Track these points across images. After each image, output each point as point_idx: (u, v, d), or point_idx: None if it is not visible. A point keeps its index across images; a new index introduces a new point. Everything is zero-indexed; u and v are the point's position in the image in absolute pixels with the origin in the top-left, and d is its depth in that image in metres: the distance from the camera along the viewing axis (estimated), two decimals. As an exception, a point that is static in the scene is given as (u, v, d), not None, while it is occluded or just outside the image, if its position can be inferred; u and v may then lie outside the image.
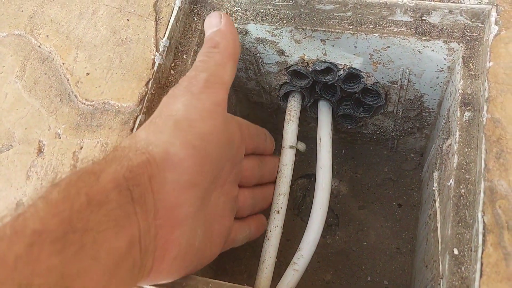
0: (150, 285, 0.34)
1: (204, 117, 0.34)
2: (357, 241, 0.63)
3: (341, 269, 0.62)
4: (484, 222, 0.33)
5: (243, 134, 0.45)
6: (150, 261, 0.31)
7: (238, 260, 0.65)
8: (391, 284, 0.60)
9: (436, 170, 0.48)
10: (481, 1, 0.41)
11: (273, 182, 0.50)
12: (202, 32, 0.48)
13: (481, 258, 0.32)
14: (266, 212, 0.50)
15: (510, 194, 0.34)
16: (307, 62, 0.52)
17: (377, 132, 0.63)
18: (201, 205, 0.35)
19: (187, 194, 0.32)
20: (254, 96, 0.63)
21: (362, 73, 0.51)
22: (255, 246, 0.61)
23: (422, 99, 0.53)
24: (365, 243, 0.63)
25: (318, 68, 0.51)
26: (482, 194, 0.34)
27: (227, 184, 0.40)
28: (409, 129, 0.60)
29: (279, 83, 0.57)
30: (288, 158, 0.51)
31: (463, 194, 0.37)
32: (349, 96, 0.56)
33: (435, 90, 0.51)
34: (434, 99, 0.52)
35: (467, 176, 0.37)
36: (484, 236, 0.33)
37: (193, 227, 0.34)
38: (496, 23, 0.40)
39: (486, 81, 0.38)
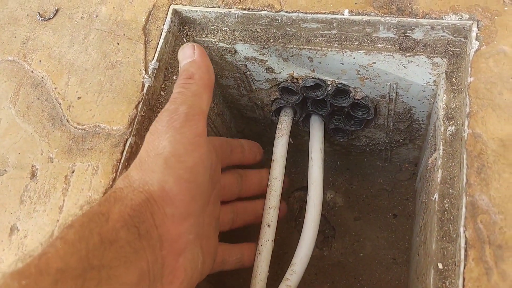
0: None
1: (189, 151, 0.36)
2: (353, 252, 0.64)
3: (338, 280, 0.62)
4: (466, 237, 0.34)
5: (217, 153, 0.46)
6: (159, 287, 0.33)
7: (236, 274, 0.66)
8: (387, 295, 0.60)
9: (425, 183, 0.48)
10: (462, 16, 0.42)
11: (260, 196, 0.51)
12: (191, 53, 0.49)
13: (463, 273, 0.33)
14: (258, 226, 0.51)
15: (491, 209, 0.34)
16: (296, 79, 0.53)
17: (370, 144, 0.63)
18: (197, 231, 0.37)
19: (185, 224, 0.35)
20: (248, 112, 0.64)
21: (350, 88, 0.52)
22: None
23: (411, 111, 0.54)
24: (361, 254, 0.63)
25: (307, 85, 0.52)
26: (464, 209, 0.35)
27: (210, 205, 0.42)
28: (401, 140, 0.60)
29: (271, 99, 0.58)
30: (277, 172, 0.52)
31: (447, 208, 0.37)
32: (340, 110, 0.57)
33: (423, 103, 0.51)
34: (423, 111, 0.53)
35: (451, 191, 0.38)
36: (466, 251, 0.33)
37: (194, 251, 0.37)
38: (477, 39, 0.41)
39: (467, 96, 0.39)
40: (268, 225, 0.49)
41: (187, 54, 0.41)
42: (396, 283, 0.60)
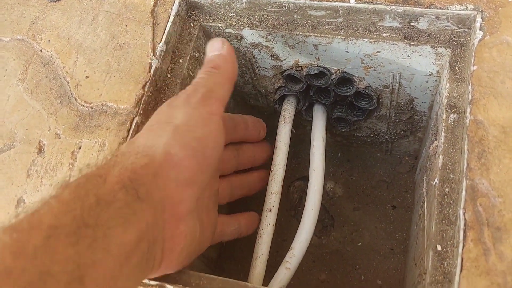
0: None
1: (201, 124, 0.36)
2: (352, 241, 0.64)
3: (336, 268, 0.63)
4: (465, 219, 0.35)
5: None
6: (159, 253, 0.33)
7: (235, 259, 0.67)
8: (384, 283, 0.61)
9: (426, 172, 0.49)
10: (467, 7, 0.43)
11: (254, 168, 0.53)
12: (198, 37, 0.50)
13: (462, 253, 0.33)
14: (259, 210, 0.51)
15: (491, 192, 0.35)
16: (301, 67, 0.54)
17: (371, 135, 0.64)
18: (198, 201, 0.37)
19: (188, 191, 0.35)
20: (251, 100, 0.64)
21: (354, 77, 0.52)
22: (252, 246, 0.62)
23: (413, 102, 0.54)
24: (360, 244, 0.64)
25: (311, 72, 0.53)
26: (464, 192, 0.36)
27: (211, 180, 0.42)
28: (402, 132, 0.61)
29: (275, 87, 0.59)
30: (280, 158, 0.53)
31: (447, 193, 0.38)
32: (343, 99, 0.58)
33: (425, 94, 0.52)
34: (425, 103, 0.54)
35: (451, 176, 0.39)
36: (465, 232, 0.34)
37: (193, 221, 0.37)
38: (481, 29, 0.42)
39: (470, 84, 0.40)
40: (270, 210, 0.49)
41: (216, 47, 0.42)
42: (393, 273, 0.61)
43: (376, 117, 0.59)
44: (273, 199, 0.50)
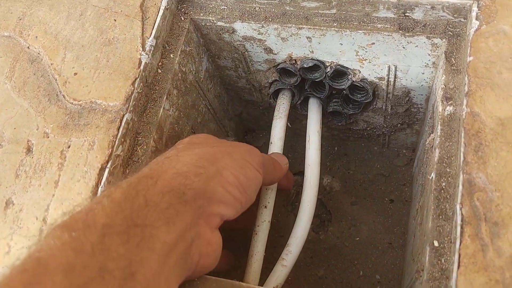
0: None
1: (252, 170, 0.39)
2: (350, 236, 0.64)
3: (334, 264, 0.63)
4: (462, 214, 0.34)
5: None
6: (197, 255, 0.34)
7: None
8: (383, 278, 0.60)
9: (423, 166, 0.48)
10: (462, -4, 0.42)
11: None
12: (189, 31, 0.49)
13: (459, 249, 0.33)
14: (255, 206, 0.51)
15: (488, 186, 0.34)
16: (295, 60, 0.53)
17: (368, 129, 0.63)
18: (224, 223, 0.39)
19: (224, 211, 0.37)
20: (246, 95, 0.63)
21: (349, 70, 0.51)
22: (248, 242, 0.62)
23: (409, 94, 0.53)
24: (357, 239, 0.63)
25: (305, 66, 0.52)
26: (460, 187, 0.35)
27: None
28: (399, 125, 0.60)
29: (269, 81, 0.58)
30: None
31: (443, 187, 0.37)
32: (338, 93, 0.57)
33: (422, 85, 0.51)
34: (422, 95, 0.53)
35: (448, 170, 0.38)
36: (462, 228, 0.33)
37: (219, 236, 0.38)
38: (477, 18, 0.41)
39: (466, 75, 0.39)
40: (265, 206, 0.49)
41: (283, 161, 0.49)
42: (391, 267, 0.61)
43: (372, 110, 0.58)
44: (268, 195, 0.49)
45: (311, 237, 0.65)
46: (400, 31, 0.44)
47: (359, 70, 0.51)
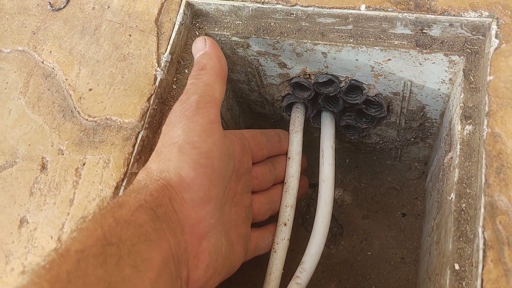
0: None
1: (203, 137, 0.36)
2: (361, 250, 0.63)
3: (345, 279, 0.62)
4: (484, 237, 0.33)
5: (245, 145, 0.47)
6: (185, 272, 0.34)
7: (242, 270, 0.65)
8: (395, 294, 0.59)
9: (438, 182, 0.48)
10: (482, 14, 0.41)
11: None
12: (204, 46, 0.49)
13: (482, 274, 0.32)
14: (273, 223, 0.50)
15: (511, 209, 0.34)
16: (309, 74, 0.52)
17: (380, 142, 0.63)
18: (219, 216, 0.38)
19: (205, 208, 0.36)
20: (257, 107, 0.63)
21: (363, 84, 0.51)
22: (259, 256, 0.61)
23: (424, 110, 0.53)
24: (369, 253, 0.63)
25: (320, 80, 0.51)
26: (482, 209, 0.34)
27: (236, 196, 0.43)
28: (412, 139, 0.60)
29: (281, 95, 0.57)
30: (294, 170, 0.51)
31: (464, 208, 0.37)
32: (352, 106, 0.56)
33: (437, 101, 0.50)
34: (437, 110, 0.52)
35: (468, 191, 0.37)
36: (484, 252, 0.33)
37: (217, 236, 0.37)
38: (496, 36, 0.40)
39: (487, 95, 0.38)
40: (285, 224, 0.48)
41: (199, 47, 0.42)
42: (404, 283, 0.60)
43: (385, 124, 0.58)
44: (287, 213, 0.49)
45: (323, 251, 0.64)
46: (417, 48, 0.44)
47: (374, 85, 0.51)
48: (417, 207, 0.64)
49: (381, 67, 0.47)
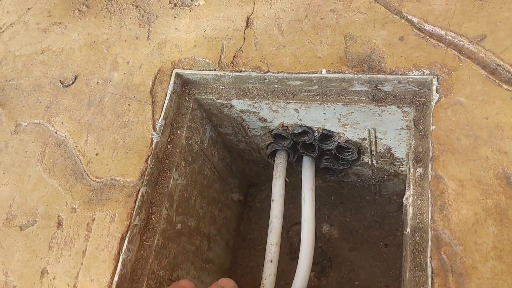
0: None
1: None
2: (349, 281, 0.69)
3: (336, 308, 0.67)
4: (432, 266, 0.39)
5: None
6: None
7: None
8: (381, 320, 0.65)
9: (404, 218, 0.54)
10: (424, 72, 0.49)
11: None
12: (193, 109, 0.56)
13: (429, 298, 0.38)
14: (260, 260, 0.56)
15: (453, 241, 0.40)
16: (286, 126, 0.60)
17: (359, 180, 0.69)
18: None
19: None
20: (246, 155, 0.70)
21: (334, 133, 0.58)
22: (255, 291, 0.67)
23: (391, 151, 0.60)
24: (357, 283, 0.68)
25: (296, 131, 0.59)
26: (430, 242, 0.41)
27: None
28: (386, 176, 0.66)
29: (265, 144, 0.65)
30: (277, 211, 0.58)
31: (418, 241, 0.43)
32: (329, 151, 0.63)
33: (400, 144, 0.57)
34: (402, 151, 0.59)
35: (420, 225, 0.44)
36: (432, 279, 0.39)
37: None
38: (437, 91, 0.47)
39: (430, 142, 0.45)
40: (271, 261, 0.54)
41: (229, 285, 0.46)
42: (389, 309, 0.65)
43: (360, 165, 0.65)
44: (273, 251, 0.55)
45: (314, 283, 0.70)
46: (374, 102, 0.51)
47: (343, 133, 0.58)
48: (398, 238, 0.70)
49: (347, 119, 0.55)
